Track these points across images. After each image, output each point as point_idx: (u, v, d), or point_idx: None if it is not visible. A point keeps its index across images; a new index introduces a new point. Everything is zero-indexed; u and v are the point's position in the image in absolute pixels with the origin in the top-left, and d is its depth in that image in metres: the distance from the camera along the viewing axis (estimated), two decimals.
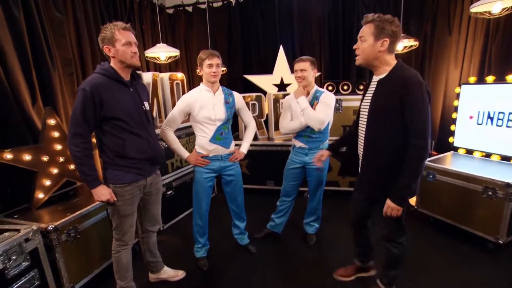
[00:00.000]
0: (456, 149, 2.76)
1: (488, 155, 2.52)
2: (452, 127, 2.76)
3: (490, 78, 2.53)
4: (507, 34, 2.71)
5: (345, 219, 1.88)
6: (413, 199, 2.70)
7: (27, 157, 1.84)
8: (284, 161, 2.29)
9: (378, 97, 1.42)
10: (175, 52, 3.04)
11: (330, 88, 3.25)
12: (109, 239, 1.71)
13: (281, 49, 3.65)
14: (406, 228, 1.56)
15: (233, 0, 3.91)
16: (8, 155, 1.76)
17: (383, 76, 1.41)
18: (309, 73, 2.06)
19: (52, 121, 1.98)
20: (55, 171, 1.98)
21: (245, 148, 2.09)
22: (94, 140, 1.62)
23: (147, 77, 2.65)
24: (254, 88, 3.78)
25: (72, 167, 2.07)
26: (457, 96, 2.71)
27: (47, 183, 1.94)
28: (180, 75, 3.02)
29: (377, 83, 1.43)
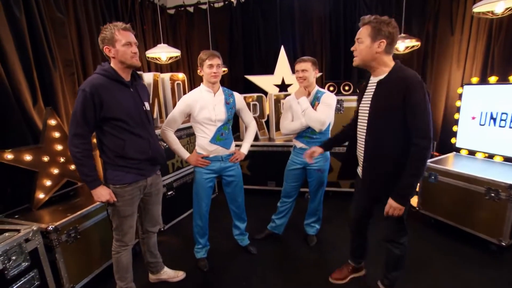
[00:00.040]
0: (458, 150, 2.74)
1: (491, 156, 2.51)
2: (454, 128, 2.74)
3: (493, 79, 2.51)
4: (510, 34, 2.69)
5: (346, 220, 1.88)
6: (414, 200, 2.68)
7: (27, 157, 1.84)
8: (285, 161, 2.28)
9: (379, 98, 1.41)
10: (176, 53, 3.04)
11: (332, 88, 3.24)
12: (109, 239, 1.71)
13: (282, 49, 3.64)
14: (408, 228, 1.55)
15: (234, 0, 3.90)
16: (9, 155, 1.77)
17: (383, 76, 1.41)
18: (310, 74, 2.05)
19: (53, 122, 1.98)
20: (55, 171, 1.98)
21: (245, 148, 2.08)
22: (94, 141, 1.62)
23: (148, 77, 2.65)
24: (255, 89, 3.78)
25: (72, 167, 2.07)
26: (460, 97, 2.70)
27: (48, 183, 1.94)
28: (181, 75, 3.02)
29: (377, 84, 1.42)
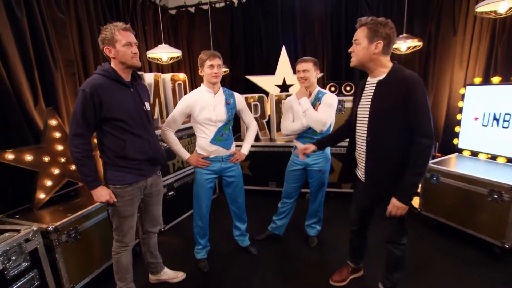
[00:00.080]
0: (460, 151, 2.72)
1: (494, 157, 2.48)
2: (457, 129, 2.72)
3: (496, 79, 2.48)
4: None
5: (346, 221, 1.87)
6: (416, 201, 2.67)
7: (28, 157, 1.85)
8: (286, 162, 2.27)
9: (379, 98, 1.40)
10: (177, 53, 3.04)
11: (333, 89, 3.23)
12: (109, 239, 1.70)
13: (283, 49, 3.63)
14: (407, 229, 1.55)
15: (236, 1, 3.90)
16: (10, 156, 1.77)
17: (382, 77, 1.41)
18: (312, 74, 2.04)
19: (54, 122, 1.99)
20: (56, 171, 1.99)
21: (246, 149, 2.07)
22: (95, 141, 1.62)
23: (149, 77, 2.65)
24: (256, 89, 3.77)
25: (73, 167, 2.07)
26: (462, 97, 2.68)
27: (48, 183, 1.94)
28: (182, 75, 3.02)
29: (377, 84, 1.42)
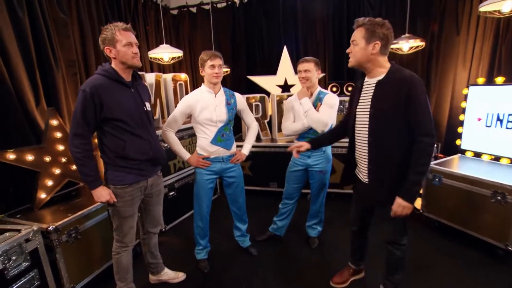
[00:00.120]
0: (463, 152, 2.69)
1: (497, 159, 2.45)
2: (460, 129, 2.70)
3: (499, 79, 2.46)
4: None
5: (348, 222, 1.86)
6: (418, 202, 2.64)
7: (29, 157, 1.85)
8: (287, 162, 2.26)
9: (379, 98, 1.40)
10: (178, 53, 3.04)
11: (335, 89, 3.21)
12: (110, 240, 1.70)
13: (285, 49, 3.63)
14: (408, 229, 1.54)
15: (237, 1, 3.90)
16: (11, 155, 1.78)
17: (381, 77, 1.41)
18: (313, 74, 2.03)
19: (55, 122, 1.99)
20: (57, 171, 1.99)
21: (246, 149, 2.07)
22: (95, 141, 1.62)
23: (150, 77, 2.65)
24: (257, 89, 3.76)
25: (74, 167, 2.07)
26: (465, 98, 2.65)
27: (50, 183, 1.95)
28: (184, 75, 3.02)
29: (376, 84, 1.42)
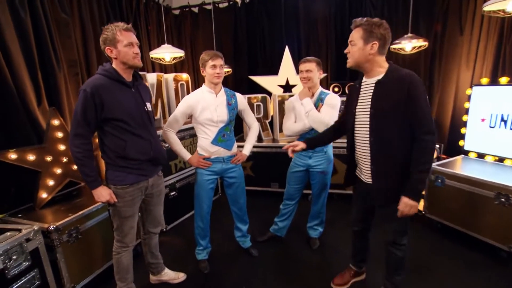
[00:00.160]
0: (466, 153, 2.67)
1: (501, 160, 2.42)
2: (463, 130, 2.67)
3: (503, 80, 2.43)
4: None
5: (349, 223, 1.85)
6: (420, 203, 2.62)
7: (31, 157, 1.86)
8: (288, 163, 2.25)
9: (379, 98, 1.40)
10: (179, 53, 3.04)
11: (336, 89, 3.20)
12: (110, 239, 1.70)
13: (286, 49, 3.61)
14: (408, 229, 1.54)
15: (239, 1, 3.89)
16: (13, 155, 1.78)
17: (380, 77, 1.41)
18: (315, 74, 2.03)
19: (56, 122, 2.00)
20: (58, 171, 2.00)
21: (247, 150, 2.06)
22: (96, 141, 1.62)
23: (152, 77, 2.65)
24: (259, 89, 3.75)
25: (75, 167, 2.08)
26: (468, 98, 2.62)
27: (51, 183, 1.95)
28: (185, 76, 3.02)
29: (376, 84, 1.42)
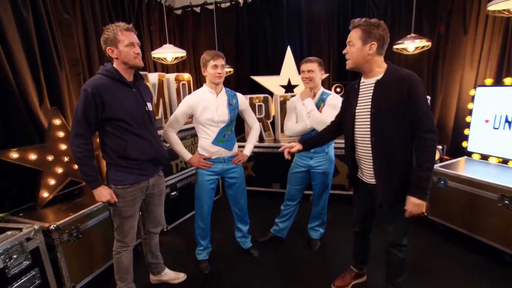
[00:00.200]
0: (470, 154, 2.64)
1: (505, 161, 2.39)
2: (466, 131, 2.64)
3: (508, 80, 2.40)
4: None
5: (350, 224, 1.84)
6: None
7: (32, 156, 1.86)
8: (290, 163, 2.24)
9: (380, 98, 1.40)
10: (181, 53, 3.04)
11: (338, 90, 3.18)
12: (111, 239, 1.70)
13: (288, 49, 3.60)
14: (408, 229, 1.54)
15: (241, 1, 3.88)
16: (14, 154, 1.79)
17: (380, 77, 1.41)
18: (317, 74, 2.01)
19: (58, 121, 2.01)
20: (59, 170, 2.00)
21: (248, 150, 2.06)
22: (97, 141, 1.62)
23: (153, 77, 2.66)
24: (261, 89, 3.74)
25: (76, 166, 2.08)
26: (472, 99, 2.60)
27: (52, 182, 1.96)
28: (187, 75, 3.02)
29: (375, 84, 1.42)
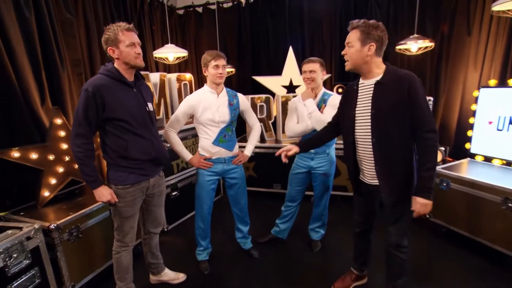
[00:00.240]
0: (473, 156, 2.61)
1: (509, 164, 2.36)
2: (469, 133, 2.62)
3: None
4: None
5: (351, 225, 1.82)
6: None
7: (33, 155, 1.87)
8: (291, 164, 2.22)
9: (380, 99, 1.39)
10: (183, 53, 3.04)
11: (340, 90, 3.17)
12: (111, 239, 1.71)
13: (290, 50, 3.59)
14: (409, 230, 1.53)
15: (243, 1, 3.88)
16: (16, 154, 1.80)
17: (379, 78, 1.41)
18: (318, 75, 2.00)
19: (59, 121, 2.01)
20: (60, 169, 2.01)
21: (249, 150, 2.05)
22: (98, 141, 1.62)
23: (155, 77, 2.66)
24: (263, 90, 3.74)
25: (77, 166, 2.09)
26: (476, 100, 2.57)
27: (53, 181, 1.96)
28: (188, 75, 3.02)
29: (375, 85, 1.42)
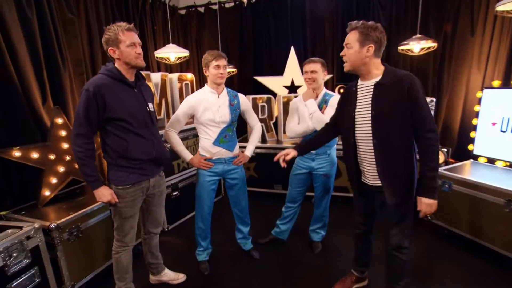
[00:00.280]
0: (476, 157, 2.58)
1: None
2: (472, 134, 2.59)
3: None
4: None
5: (352, 226, 1.81)
6: None
7: (34, 155, 1.87)
8: (292, 165, 2.21)
9: (380, 100, 1.39)
10: (184, 53, 3.04)
11: (342, 91, 3.15)
12: (111, 238, 1.70)
13: (292, 50, 3.58)
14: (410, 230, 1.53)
15: (245, 1, 3.87)
16: (17, 153, 1.80)
17: (378, 79, 1.40)
18: (320, 75, 2.00)
19: (60, 120, 2.02)
20: (61, 169, 2.01)
21: (249, 151, 2.04)
22: (99, 140, 1.62)
23: (156, 77, 2.66)
24: (264, 90, 3.73)
25: (77, 166, 2.09)
26: (479, 101, 2.55)
27: (54, 181, 1.97)
28: (190, 75, 3.02)
29: (374, 86, 1.41)
